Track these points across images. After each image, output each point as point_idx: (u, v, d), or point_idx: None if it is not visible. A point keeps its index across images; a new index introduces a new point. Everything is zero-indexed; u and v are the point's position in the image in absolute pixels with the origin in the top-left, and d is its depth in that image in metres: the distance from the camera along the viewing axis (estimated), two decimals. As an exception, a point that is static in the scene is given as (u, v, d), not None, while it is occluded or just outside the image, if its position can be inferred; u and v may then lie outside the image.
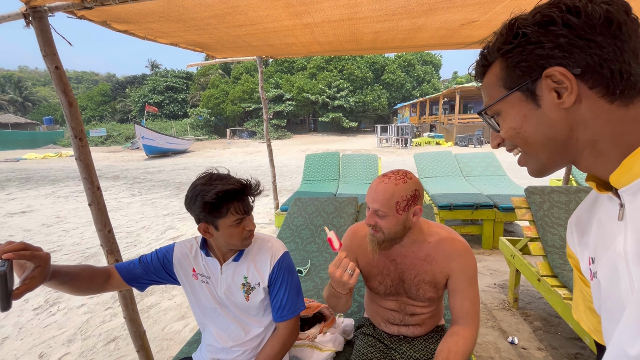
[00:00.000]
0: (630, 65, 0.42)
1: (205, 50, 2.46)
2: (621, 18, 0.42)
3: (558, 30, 0.43)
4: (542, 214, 2.34)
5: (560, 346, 2.06)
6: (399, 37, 1.99)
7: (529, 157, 0.52)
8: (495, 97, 0.51)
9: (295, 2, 1.27)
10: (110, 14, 1.49)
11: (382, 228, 1.04)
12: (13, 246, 0.73)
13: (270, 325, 1.19)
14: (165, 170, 11.84)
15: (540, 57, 0.44)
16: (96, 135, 30.14)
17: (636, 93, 0.43)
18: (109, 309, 2.76)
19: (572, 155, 0.49)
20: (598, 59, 0.42)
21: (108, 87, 45.47)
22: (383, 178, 1.04)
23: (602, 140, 0.45)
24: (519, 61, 0.46)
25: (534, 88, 0.46)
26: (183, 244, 1.17)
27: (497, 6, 1.40)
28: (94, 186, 1.49)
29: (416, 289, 1.14)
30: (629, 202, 0.45)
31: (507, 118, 0.51)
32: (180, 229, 4.85)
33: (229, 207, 0.99)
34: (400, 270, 1.16)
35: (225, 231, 1.01)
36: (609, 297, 0.49)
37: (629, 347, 0.41)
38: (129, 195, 7.52)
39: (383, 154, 14.01)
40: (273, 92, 30.19)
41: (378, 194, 1.01)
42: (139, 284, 1.11)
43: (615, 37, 0.42)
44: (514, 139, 0.51)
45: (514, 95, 0.48)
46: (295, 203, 2.78)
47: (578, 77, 0.43)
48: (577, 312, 0.67)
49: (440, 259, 1.11)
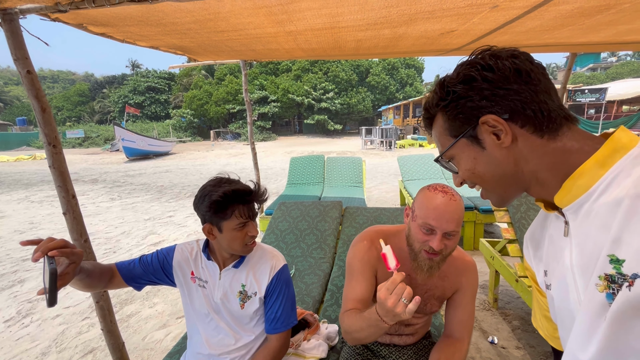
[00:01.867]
0: (547, 103, 0.49)
1: (187, 53, 2.43)
2: (527, 67, 0.49)
3: (480, 85, 0.49)
4: (520, 216, 2.42)
5: (537, 344, 2.14)
6: (381, 45, 2.02)
7: (488, 192, 0.58)
8: (446, 145, 0.57)
9: (277, 11, 1.28)
10: (86, 17, 1.45)
11: (449, 249, 0.97)
12: (56, 243, 0.77)
13: (261, 335, 1.19)
14: (147, 173, 11.54)
15: (472, 108, 0.51)
16: (73, 137, 29.12)
17: (558, 126, 0.49)
18: (86, 319, 2.66)
19: (522, 185, 0.54)
20: (519, 103, 0.48)
21: (86, 87, 43.99)
22: (447, 196, 0.94)
23: (542, 171, 0.51)
24: (457, 113, 0.53)
25: (475, 134, 0.53)
26: (184, 246, 1.18)
27: (474, 17, 1.44)
28: (68, 194, 1.44)
29: (424, 303, 1.13)
30: (572, 219, 0.50)
31: (461, 161, 0.57)
32: (162, 234, 4.74)
33: (234, 209, 1.01)
34: (413, 285, 1.09)
35: (229, 234, 1.02)
36: (561, 308, 0.54)
37: (581, 353, 0.45)
38: (108, 200, 7.30)
39: (368, 156, 14.14)
40: (258, 94, 29.99)
41: (453, 214, 0.92)
42: (136, 284, 1.11)
43: (527, 83, 0.48)
44: (471, 179, 0.57)
45: (461, 141, 0.55)
46: (279, 207, 2.76)
47: (508, 120, 0.49)
48: (535, 320, 0.73)
49: (452, 275, 1.12)
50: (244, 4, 1.21)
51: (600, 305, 0.42)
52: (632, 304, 0.39)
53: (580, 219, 0.48)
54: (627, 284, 0.39)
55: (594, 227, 0.45)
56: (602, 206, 0.44)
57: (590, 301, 0.44)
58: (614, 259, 0.41)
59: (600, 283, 0.43)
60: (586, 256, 0.46)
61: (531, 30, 1.68)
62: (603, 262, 0.42)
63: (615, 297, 0.41)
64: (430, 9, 1.32)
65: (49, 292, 0.70)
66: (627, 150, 0.44)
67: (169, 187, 8.70)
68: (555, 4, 1.27)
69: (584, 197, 0.47)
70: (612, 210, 0.43)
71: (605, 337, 0.41)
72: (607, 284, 0.42)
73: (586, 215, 0.47)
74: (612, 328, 0.41)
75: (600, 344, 0.42)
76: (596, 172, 0.45)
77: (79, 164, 15.06)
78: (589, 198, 0.46)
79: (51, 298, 0.70)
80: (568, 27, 1.59)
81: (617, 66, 36.77)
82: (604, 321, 0.41)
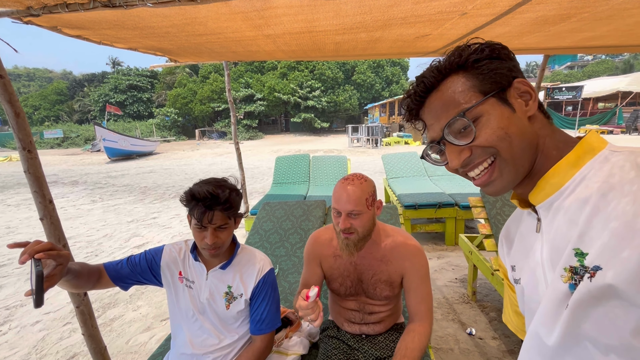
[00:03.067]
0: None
1: (167, 54, 2.41)
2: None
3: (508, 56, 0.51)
4: (495, 212, 2.52)
5: (511, 334, 2.23)
6: (360, 47, 2.06)
7: (506, 165, 0.51)
8: (472, 101, 0.49)
9: (253, 16, 1.30)
10: (60, 21, 1.43)
11: (357, 228, 1.11)
12: (42, 245, 0.79)
13: (244, 336, 1.22)
14: (130, 174, 11.29)
15: (508, 69, 0.50)
16: (51, 137, 28.12)
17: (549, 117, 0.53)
18: (67, 324, 2.62)
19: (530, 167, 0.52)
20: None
21: (64, 85, 42.46)
22: (347, 182, 1.12)
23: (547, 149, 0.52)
24: (490, 70, 0.50)
25: (505, 96, 0.50)
26: (173, 246, 1.21)
27: (445, 23, 1.50)
28: (45, 199, 1.43)
29: (373, 288, 1.22)
30: (544, 216, 0.52)
31: (492, 119, 0.49)
32: (146, 236, 4.68)
33: (194, 209, 1.03)
34: (359, 271, 1.23)
35: (192, 229, 1.07)
36: (530, 300, 0.57)
37: (546, 338, 0.49)
38: (90, 202, 7.12)
39: (354, 154, 14.23)
40: (243, 92, 29.67)
41: (350, 196, 1.08)
42: (124, 284, 1.13)
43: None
44: (501, 141, 0.49)
45: (491, 99, 0.49)
46: (264, 207, 2.78)
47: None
48: (506, 315, 0.77)
49: (395, 260, 1.20)
50: (220, 10, 1.23)
51: (563, 295, 0.46)
52: (592, 293, 0.42)
53: (551, 215, 0.50)
54: (589, 275, 0.42)
55: (563, 223, 0.48)
56: (572, 203, 0.47)
57: (555, 290, 0.47)
58: (579, 252, 0.44)
59: (565, 274, 0.46)
60: (555, 250, 0.49)
61: (501, 35, 1.76)
62: (569, 255, 0.46)
63: (577, 287, 0.44)
64: (403, 16, 1.36)
65: (36, 294, 0.72)
66: (595, 153, 0.47)
67: (152, 187, 8.55)
68: (520, 12, 1.34)
69: (555, 195, 0.50)
70: (580, 208, 0.46)
71: (567, 323, 0.45)
72: (570, 275, 0.45)
73: (556, 212, 0.49)
74: (573, 315, 0.44)
75: (562, 329, 0.46)
76: (568, 172, 0.49)
77: (58, 165, 14.59)
78: (560, 196, 0.49)
79: (38, 299, 0.73)
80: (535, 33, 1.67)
81: (593, 64, 38.09)
82: (566, 309, 0.45)
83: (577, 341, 0.45)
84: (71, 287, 0.98)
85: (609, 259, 0.40)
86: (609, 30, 1.61)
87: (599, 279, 0.41)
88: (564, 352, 0.47)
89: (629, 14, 1.36)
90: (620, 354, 0.41)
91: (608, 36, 1.76)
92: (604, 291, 0.41)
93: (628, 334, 0.40)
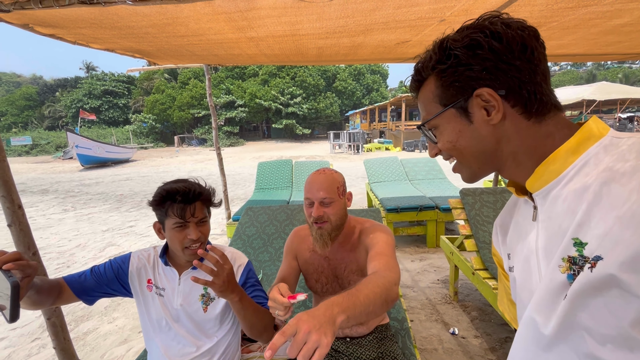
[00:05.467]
0: (542, 86, 0.49)
1: (146, 57, 2.35)
2: (533, 44, 0.47)
3: (484, 54, 0.47)
4: (474, 213, 2.60)
5: (493, 332, 2.29)
6: (342, 52, 2.10)
7: (462, 166, 0.57)
8: (432, 112, 0.55)
9: (237, 17, 1.29)
10: (32, 18, 1.38)
11: (330, 215, 1.11)
12: (10, 256, 0.74)
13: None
14: (104, 182, 10.88)
15: (470, 78, 0.49)
16: (19, 144, 26.76)
17: (547, 111, 0.49)
18: (36, 340, 2.46)
19: (498, 164, 0.55)
20: (517, 82, 0.47)
21: (34, 90, 40.53)
22: (317, 173, 1.15)
23: (521, 153, 0.51)
24: (453, 81, 0.50)
25: (467, 106, 0.51)
26: (140, 253, 1.14)
27: (425, 29, 1.55)
28: (14, 204, 1.35)
29: (348, 281, 1.20)
30: (541, 204, 0.52)
31: (445, 132, 0.55)
32: (122, 245, 4.50)
33: (169, 207, 0.99)
34: (333, 266, 1.22)
35: (168, 233, 1.02)
36: (522, 288, 0.56)
37: (543, 328, 0.49)
38: (61, 211, 6.79)
39: (336, 160, 14.33)
40: (224, 98, 29.38)
41: (322, 184, 1.10)
42: (89, 297, 1.05)
43: (530, 61, 0.47)
44: (451, 151, 0.56)
45: (449, 111, 0.52)
46: (246, 212, 2.74)
47: (502, 97, 0.48)
48: (502, 304, 0.76)
49: (360, 243, 1.18)
50: (202, 10, 1.22)
51: (561, 285, 0.45)
52: (592, 284, 0.41)
53: (549, 203, 0.49)
54: (589, 266, 0.41)
55: (561, 211, 0.47)
56: (571, 192, 0.46)
57: (552, 281, 0.46)
58: (578, 242, 0.43)
59: (563, 264, 0.45)
60: (551, 239, 0.48)
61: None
62: (567, 245, 0.44)
63: (575, 278, 0.43)
64: (384, 20, 1.40)
65: (11, 307, 0.68)
66: (597, 139, 0.46)
67: (129, 195, 8.26)
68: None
69: (554, 183, 0.48)
70: (579, 196, 0.44)
71: (564, 313, 0.44)
72: (569, 266, 0.44)
73: (554, 200, 0.48)
74: (571, 305, 0.44)
75: (559, 319, 0.45)
76: (567, 158, 0.47)
77: (26, 174, 13.86)
78: (559, 183, 0.48)
79: (13, 313, 0.69)
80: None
81: (560, 74, 40.37)
82: (564, 299, 0.44)
83: (574, 331, 0.45)
84: (31, 304, 0.90)
85: (611, 248, 0.39)
86: (575, 39, 1.72)
87: (600, 269, 0.40)
88: (560, 342, 0.47)
89: (593, 24, 1.46)
90: (617, 343, 0.41)
91: (574, 44, 1.88)
92: (605, 281, 0.40)
93: (627, 324, 0.40)
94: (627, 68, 36.83)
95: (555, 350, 0.49)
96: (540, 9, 1.29)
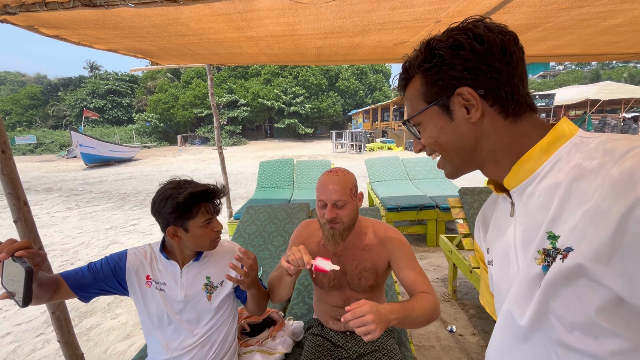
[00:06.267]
0: (519, 88, 0.51)
1: (148, 57, 2.39)
2: (512, 48, 0.50)
3: (466, 55, 0.50)
4: (473, 212, 2.61)
5: (490, 330, 2.31)
6: (341, 52, 2.12)
7: (445, 161, 0.60)
8: (417, 109, 0.58)
9: (235, 18, 1.32)
10: (37, 20, 1.41)
11: (343, 217, 1.14)
12: (21, 244, 0.77)
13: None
14: (108, 181, 10.96)
15: (453, 77, 0.51)
16: (23, 143, 27.00)
17: (522, 111, 0.52)
18: (40, 335, 2.51)
19: (479, 162, 0.57)
20: (496, 82, 0.50)
21: (38, 90, 40.76)
22: (330, 174, 1.15)
23: (499, 151, 0.54)
24: (437, 79, 0.53)
25: (448, 103, 0.53)
26: (137, 250, 1.17)
27: (421, 30, 1.58)
28: (20, 201, 1.39)
29: (358, 278, 1.24)
30: (517, 201, 0.54)
31: (427, 128, 0.58)
32: (125, 243, 4.55)
33: (200, 207, 1.05)
34: (343, 262, 1.25)
35: (196, 232, 1.06)
36: (501, 281, 0.59)
37: (519, 319, 0.51)
38: (65, 209, 6.86)
39: (339, 160, 14.34)
40: (227, 98, 29.45)
41: (335, 186, 1.12)
42: (85, 294, 1.07)
43: (508, 64, 0.50)
44: (433, 146, 0.59)
45: (432, 108, 0.55)
46: (247, 211, 2.78)
47: (482, 96, 0.51)
48: (483, 298, 0.78)
49: (377, 246, 1.24)
50: (202, 11, 1.25)
51: (536, 276, 0.47)
52: (563, 274, 0.43)
53: (525, 200, 0.52)
54: (561, 257, 0.44)
55: (536, 207, 0.49)
56: (544, 188, 0.48)
57: (528, 272, 0.49)
58: (551, 235, 0.46)
59: (539, 257, 0.47)
60: (528, 233, 0.51)
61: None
62: (541, 238, 0.47)
63: (549, 268, 0.46)
64: (381, 21, 1.42)
65: (25, 292, 0.71)
66: (567, 139, 0.49)
67: (132, 194, 8.33)
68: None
69: (528, 180, 0.51)
70: (551, 192, 0.47)
71: (538, 303, 0.47)
72: (543, 257, 0.47)
73: (529, 196, 0.51)
74: (544, 295, 0.46)
75: (534, 308, 0.48)
76: (540, 157, 0.50)
77: (31, 172, 13.99)
78: (533, 181, 0.50)
79: (26, 298, 0.72)
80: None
81: (564, 74, 40.11)
82: (538, 289, 0.47)
83: (547, 319, 0.47)
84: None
85: (580, 240, 0.42)
86: (572, 39, 1.73)
87: (570, 259, 0.42)
88: (535, 330, 0.50)
89: (588, 24, 1.48)
90: (584, 331, 0.44)
91: (571, 45, 1.89)
92: (574, 271, 0.43)
93: (592, 312, 0.42)
94: (632, 67, 36.53)
95: (531, 339, 0.51)
96: (534, 10, 1.31)
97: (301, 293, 1.94)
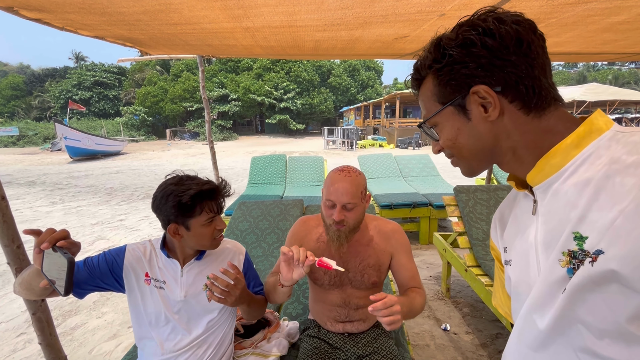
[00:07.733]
0: (540, 80, 0.48)
1: (137, 45, 2.29)
2: (529, 37, 0.46)
3: (478, 52, 0.47)
4: (468, 211, 2.61)
5: (484, 328, 2.31)
6: (339, 46, 2.06)
7: (461, 162, 0.58)
8: (432, 110, 0.55)
9: (233, 5, 1.25)
10: (17, 0, 1.31)
11: (350, 220, 1.11)
12: (60, 233, 0.79)
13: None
14: (94, 175, 10.68)
15: (466, 76, 0.49)
16: (5, 135, 26.14)
17: (546, 105, 0.48)
18: (21, 335, 2.41)
19: (497, 159, 0.55)
20: (514, 77, 0.47)
21: (21, 80, 39.37)
22: (343, 173, 1.11)
23: (521, 147, 0.51)
24: (449, 79, 0.50)
25: (464, 103, 0.51)
26: (136, 246, 1.12)
27: (424, 24, 1.53)
28: (-3, 196, 1.29)
29: (361, 275, 1.21)
30: (541, 198, 0.51)
31: (444, 130, 0.55)
32: (112, 239, 4.42)
33: (203, 206, 1.01)
34: (345, 259, 1.21)
35: (197, 230, 1.02)
36: (519, 282, 0.56)
37: (539, 321, 0.48)
38: (49, 204, 6.64)
39: (330, 156, 14.31)
40: (217, 92, 29.04)
41: (347, 189, 1.07)
42: (80, 290, 1.02)
43: (526, 55, 0.46)
44: (451, 149, 0.56)
45: (448, 109, 0.53)
46: (239, 207, 2.71)
47: (499, 93, 0.48)
48: (496, 299, 0.75)
49: (381, 241, 1.22)
50: (197, -3, 1.18)
51: (560, 279, 0.45)
52: (592, 278, 0.41)
53: (549, 197, 0.49)
54: (590, 260, 0.41)
55: (562, 205, 0.46)
56: (572, 186, 0.45)
57: (551, 274, 0.46)
58: (578, 235, 0.43)
59: (563, 259, 0.44)
60: (551, 233, 0.48)
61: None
62: (567, 239, 0.44)
63: (575, 272, 0.43)
64: (384, 13, 1.37)
65: (67, 281, 0.74)
66: (601, 133, 0.45)
67: (119, 189, 8.12)
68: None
69: (555, 176, 0.47)
70: (580, 190, 0.44)
71: (562, 307, 0.44)
72: (569, 260, 0.44)
73: (555, 194, 0.48)
74: (569, 300, 0.43)
75: (556, 312, 0.45)
76: (570, 152, 0.46)
77: (12, 165, 13.52)
78: (560, 177, 0.47)
79: (68, 287, 0.75)
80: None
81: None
82: (562, 293, 0.44)
83: (571, 325, 0.45)
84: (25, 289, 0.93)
85: (612, 243, 0.39)
86: (572, 36, 1.72)
87: (601, 263, 0.40)
88: (556, 336, 0.47)
89: (592, 21, 1.46)
90: (614, 338, 0.41)
91: (570, 42, 1.88)
92: (605, 276, 0.40)
93: (624, 319, 0.39)
94: (616, 70, 37.48)
95: (552, 345, 0.48)
96: (540, 4, 1.28)
97: (296, 292, 1.90)
